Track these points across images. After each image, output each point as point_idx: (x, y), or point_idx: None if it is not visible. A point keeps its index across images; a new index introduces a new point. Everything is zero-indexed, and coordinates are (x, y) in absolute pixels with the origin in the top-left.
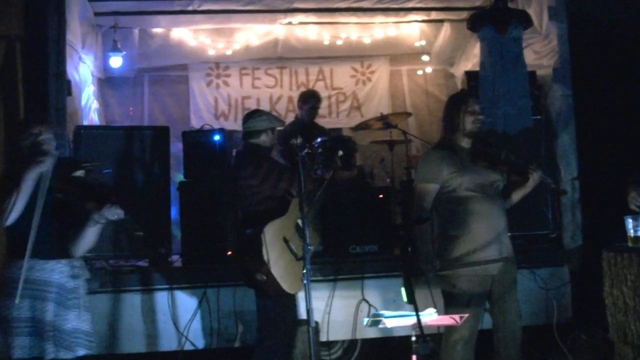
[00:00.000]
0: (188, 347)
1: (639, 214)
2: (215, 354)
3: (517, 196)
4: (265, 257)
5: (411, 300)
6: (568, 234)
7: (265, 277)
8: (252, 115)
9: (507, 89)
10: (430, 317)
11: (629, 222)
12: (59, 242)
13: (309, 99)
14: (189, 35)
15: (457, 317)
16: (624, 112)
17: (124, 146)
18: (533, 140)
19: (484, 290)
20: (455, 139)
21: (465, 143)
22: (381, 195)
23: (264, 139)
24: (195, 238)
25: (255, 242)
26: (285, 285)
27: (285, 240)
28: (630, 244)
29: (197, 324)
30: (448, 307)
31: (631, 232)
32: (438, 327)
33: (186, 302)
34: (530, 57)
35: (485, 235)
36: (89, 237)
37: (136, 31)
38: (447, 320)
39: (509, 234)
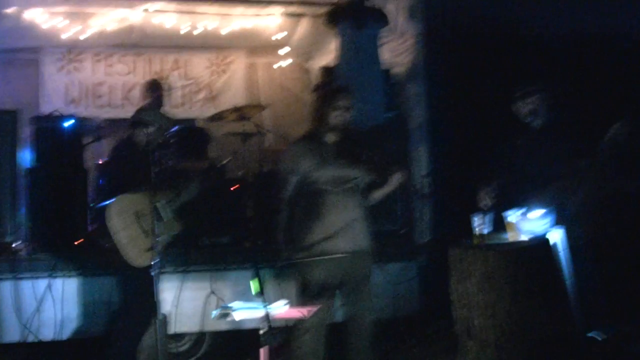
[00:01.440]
0: (31, 339)
1: (486, 212)
2: (59, 346)
3: (376, 195)
4: (108, 224)
5: (260, 292)
6: (417, 230)
7: (107, 244)
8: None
9: (362, 85)
10: (279, 309)
11: (475, 220)
12: None
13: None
14: (43, 17)
15: (305, 310)
16: (475, 110)
17: None
18: (386, 137)
19: (334, 282)
20: (321, 132)
21: (330, 137)
22: (233, 188)
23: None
24: (43, 226)
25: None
26: (129, 256)
27: (137, 215)
28: (475, 241)
29: (41, 315)
30: (299, 296)
31: (476, 230)
32: (287, 319)
33: (31, 292)
34: (386, 54)
35: (338, 227)
36: None
37: None
38: (295, 312)
39: (366, 229)
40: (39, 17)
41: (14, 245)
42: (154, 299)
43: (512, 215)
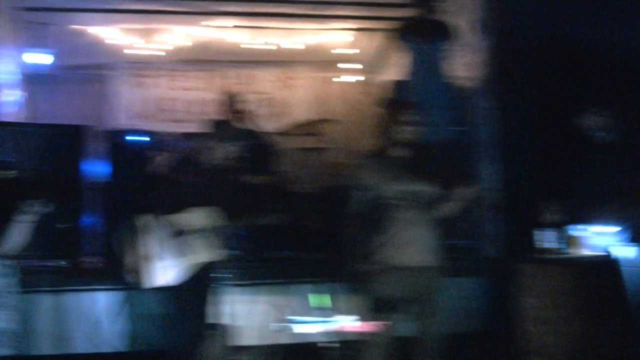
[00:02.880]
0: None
1: (554, 226)
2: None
3: (446, 209)
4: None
5: (326, 306)
6: (487, 244)
7: None
8: None
9: (433, 100)
10: (348, 323)
11: (544, 235)
12: None
13: (232, 101)
14: (111, 34)
15: (375, 324)
16: (546, 125)
17: (41, 144)
18: (457, 151)
19: (404, 296)
20: (390, 146)
21: (399, 152)
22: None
23: None
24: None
25: None
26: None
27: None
28: (544, 256)
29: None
30: (368, 310)
31: (545, 244)
32: (356, 333)
33: (104, 305)
34: (456, 69)
35: (410, 242)
36: (18, 234)
37: (55, 28)
38: (366, 327)
39: (434, 244)
40: (107, 34)
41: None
42: (204, 312)
43: (580, 231)
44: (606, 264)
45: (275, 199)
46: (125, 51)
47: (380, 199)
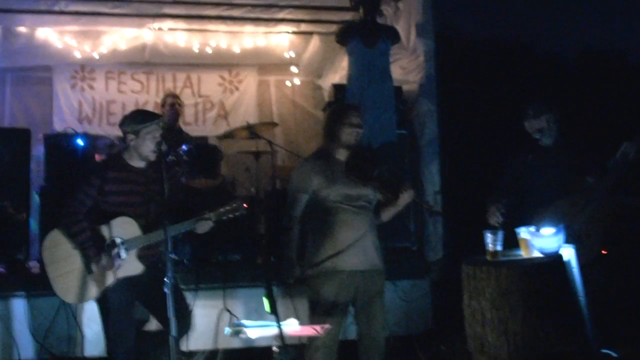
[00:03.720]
0: (44, 355)
1: (497, 228)
2: None
3: (387, 213)
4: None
5: (273, 310)
6: (429, 247)
7: None
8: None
9: (373, 103)
10: (292, 327)
11: (488, 237)
12: None
13: (167, 98)
14: (55, 36)
15: (318, 327)
16: (485, 127)
17: None
18: (397, 154)
19: (346, 299)
20: (332, 149)
21: (341, 154)
22: (245, 205)
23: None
24: None
25: None
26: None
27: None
28: (488, 258)
29: (54, 332)
30: (311, 313)
31: (489, 246)
32: (300, 337)
33: (44, 310)
34: (396, 72)
35: (349, 245)
36: None
37: (5, 29)
38: (308, 330)
39: (377, 246)
40: (51, 36)
41: (28, 264)
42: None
43: (525, 232)
44: (552, 265)
45: (218, 203)
46: (70, 53)
47: (324, 201)
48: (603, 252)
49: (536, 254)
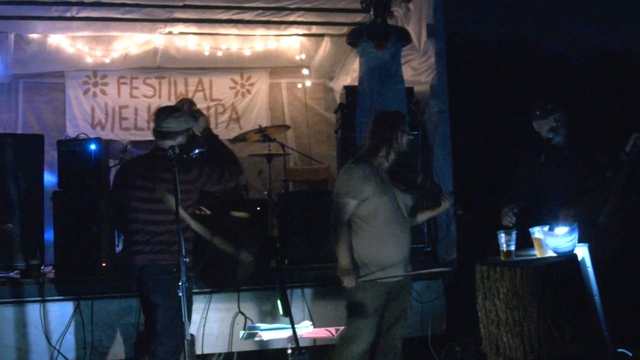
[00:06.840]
0: None
1: (511, 229)
2: None
3: (423, 217)
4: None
5: (287, 313)
6: (443, 248)
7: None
8: (170, 114)
9: (385, 104)
10: (306, 329)
11: (502, 237)
12: None
13: (183, 104)
14: (67, 42)
15: (332, 329)
16: (497, 128)
17: None
18: (409, 155)
19: (383, 304)
20: (382, 156)
21: (389, 162)
22: (259, 208)
23: (180, 140)
24: (69, 249)
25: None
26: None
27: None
28: (502, 258)
29: (69, 337)
30: (350, 317)
31: (503, 247)
32: (314, 339)
33: (59, 315)
34: (408, 73)
35: (394, 254)
36: None
37: (11, 36)
38: (322, 332)
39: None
40: (63, 42)
41: (42, 268)
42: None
43: (539, 232)
44: (566, 265)
45: (235, 207)
46: (82, 59)
47: (374, 211)
48: None
49: (550, 253)
